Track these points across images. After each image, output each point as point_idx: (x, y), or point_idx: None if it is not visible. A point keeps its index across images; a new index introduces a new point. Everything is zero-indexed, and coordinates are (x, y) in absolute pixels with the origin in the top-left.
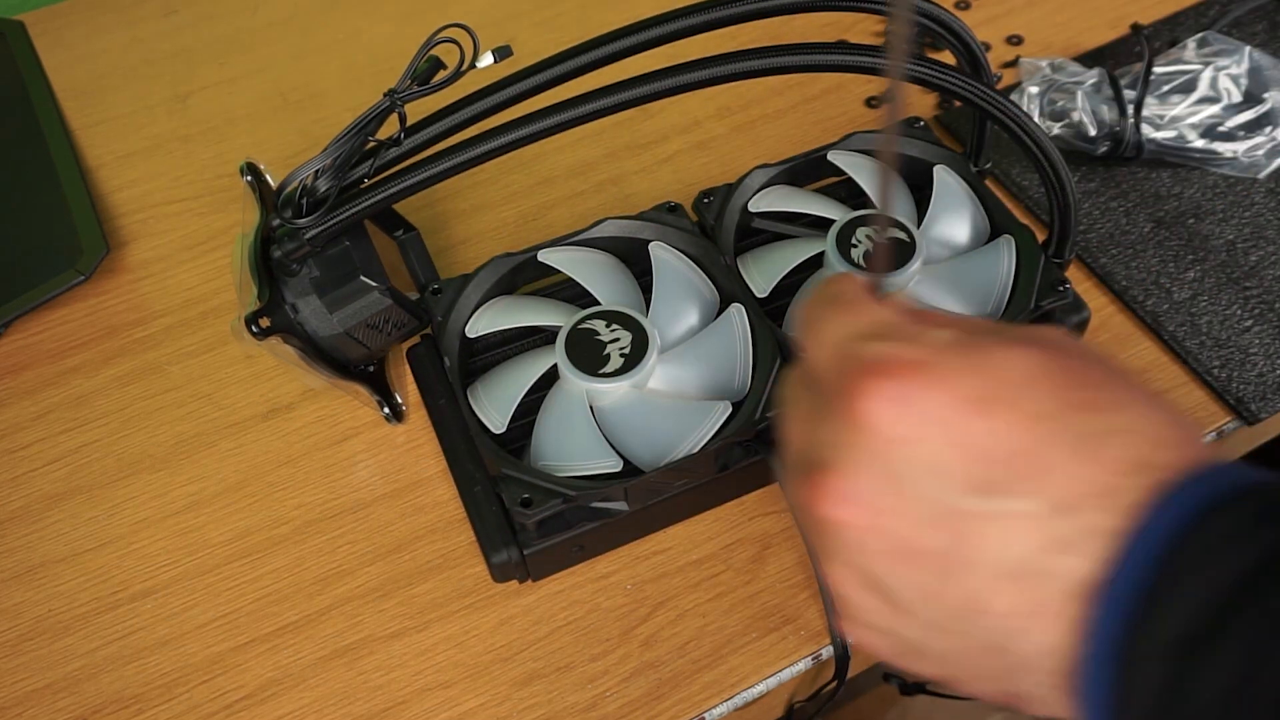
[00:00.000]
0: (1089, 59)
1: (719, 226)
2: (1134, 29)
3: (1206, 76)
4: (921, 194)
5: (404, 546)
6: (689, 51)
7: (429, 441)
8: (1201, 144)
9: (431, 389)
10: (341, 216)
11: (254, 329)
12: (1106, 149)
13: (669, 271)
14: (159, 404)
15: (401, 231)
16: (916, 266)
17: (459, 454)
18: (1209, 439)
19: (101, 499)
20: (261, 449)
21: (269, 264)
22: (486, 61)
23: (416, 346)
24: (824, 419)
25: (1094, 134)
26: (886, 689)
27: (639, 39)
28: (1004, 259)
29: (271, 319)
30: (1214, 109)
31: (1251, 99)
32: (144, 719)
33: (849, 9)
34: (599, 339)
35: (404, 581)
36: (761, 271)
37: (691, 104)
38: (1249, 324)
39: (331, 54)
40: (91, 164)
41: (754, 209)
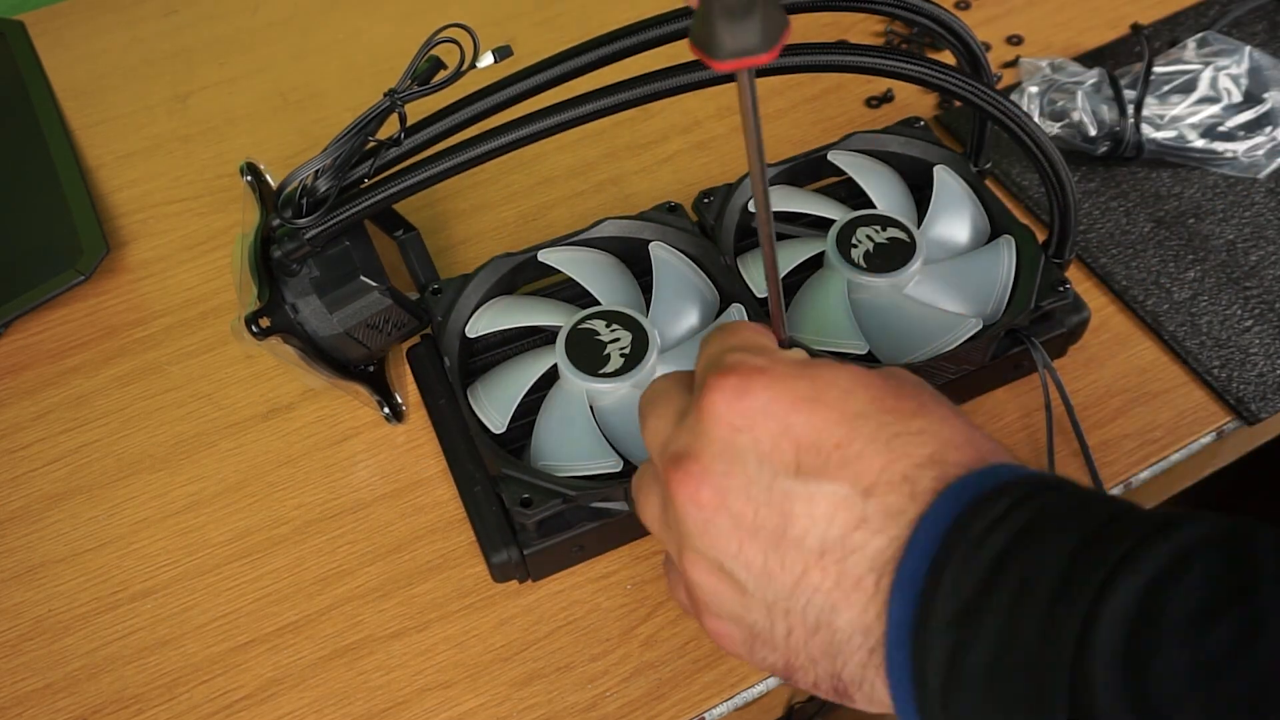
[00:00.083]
0: (1089, 59)
1: (719, 226)
2: (1134, 29)
3: (1206, 76)
4: (921, 194)
5: (404, 546)
6: (689, 52)
7: (429, 441)
8: (1201, 144)
9: (431, 389)
10: (341, 216)
11: (254, 329)
12: (1106, 149)
13: (669, 271)
14: (159, 404)
15: (401, 231)
16: (916, 266)
17: (459, 454)
18: (1209, 439)
19: (101, 499)
20: (261, 449)
21: (269, 264)
22: (486, 61)
23: (416, 346)
24: (686, 417)
25: (1094, 134)
26: None
27: (639, 39)
28: (1004, 259)
29: (271, 319)
30: (1214, 109)
31: (1251, 99)
32: (144, 719)
33: (849, 9)
34: (599, 339)
35: (404, 581)
36: (761, 271)
37: (691, 104)
38: (1249, 324)
39: (331, 54)
40: (91, 164)
41: (754, 209)
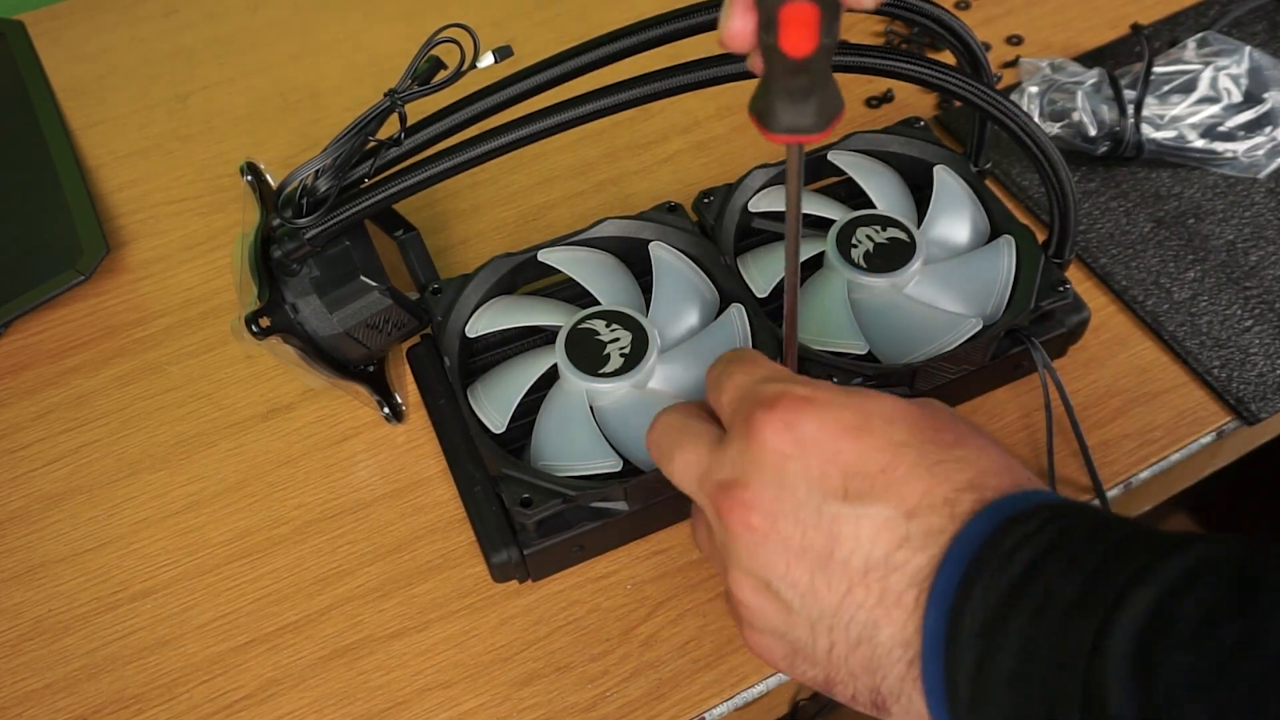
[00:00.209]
0: (1089, 59)
1: (719, 226)
2: (1134, 29)
3: (1206, 76)
4: (921, 194)
5: (404, 546)
6: (689, 51)
7: (429, 441)
8: (1201, 144)
9: (431, 389)
10: (341, 216)
11: (254, 329)
12: (1106, 149)
13: (669, 271)
14: (159, 404)
15: (401, 231)
16: (917, 266)
17: (459, 454)
18: (1209, 439)
19: (101, 499)
20: (261, 449)
21: (269, 264)
22: (487, 61)
23: (416, 346)
24: (727, 446)
25: (1094, 134)
26: None
27: (639, 39)
28: (1004, 259)
29: (271, 319)
30: (1214, 109)
31: (1251, 99)
32: (144, 719)
33: (849, 9)
34: (599, 339)
35: (404, 581)
36: (761, 271)
37: (691, 104)
38: (1249, 324)
39: (331, 54)
40: (91, 164)
41: (754, 209)
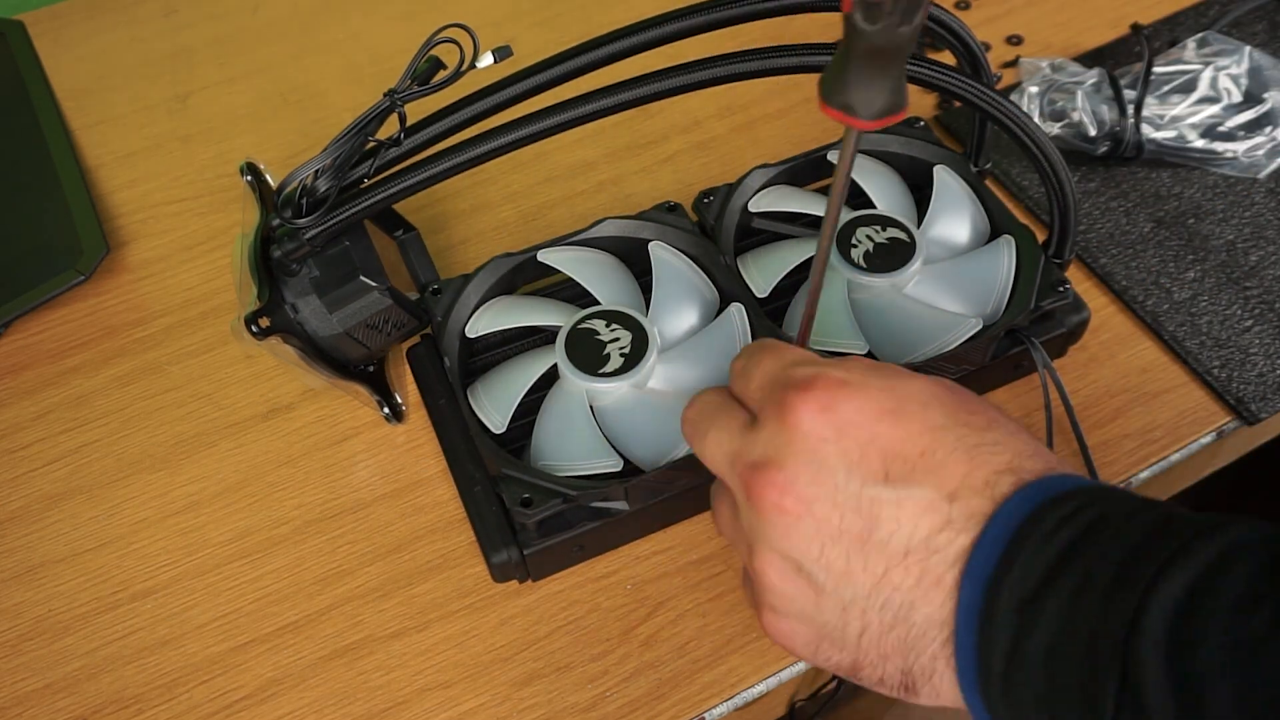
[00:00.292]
0: (1089, 59)
1: (719, 226)
2: (1134, 29)
3: (1206, 76)
4: (921, 194)
5: (404, 546)
6: (689, 51)
7: (429, 441)
8: (1201, 144)
9: (431, 389)
10: (341, 216)
11: (254, 329)
12: (1106, 149)
13: (669, 271)
14: (159, 404)
15: (401, 231)
16: (916, 266)
17: (459, 454)
18: (1209, 439)
19: (101, 499)
20: (261, 449)
21: (269, 264)
22: (486, 62)
23: (416, 346)
24: (760, 429)
25: (1094, 134)
26: None
27: (639, 39)
28: (1004, 259)
29: (271, 319)
30: (1214, 109)
31: (1251, 99)
32: (144, 719)
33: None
34: (599, 339)
35: (404, 581)
36: (761, 271)
37: (692, 104)
38: (1249, 324)
39: (331, 54)
40: (91, 164)
41: (754, 209)
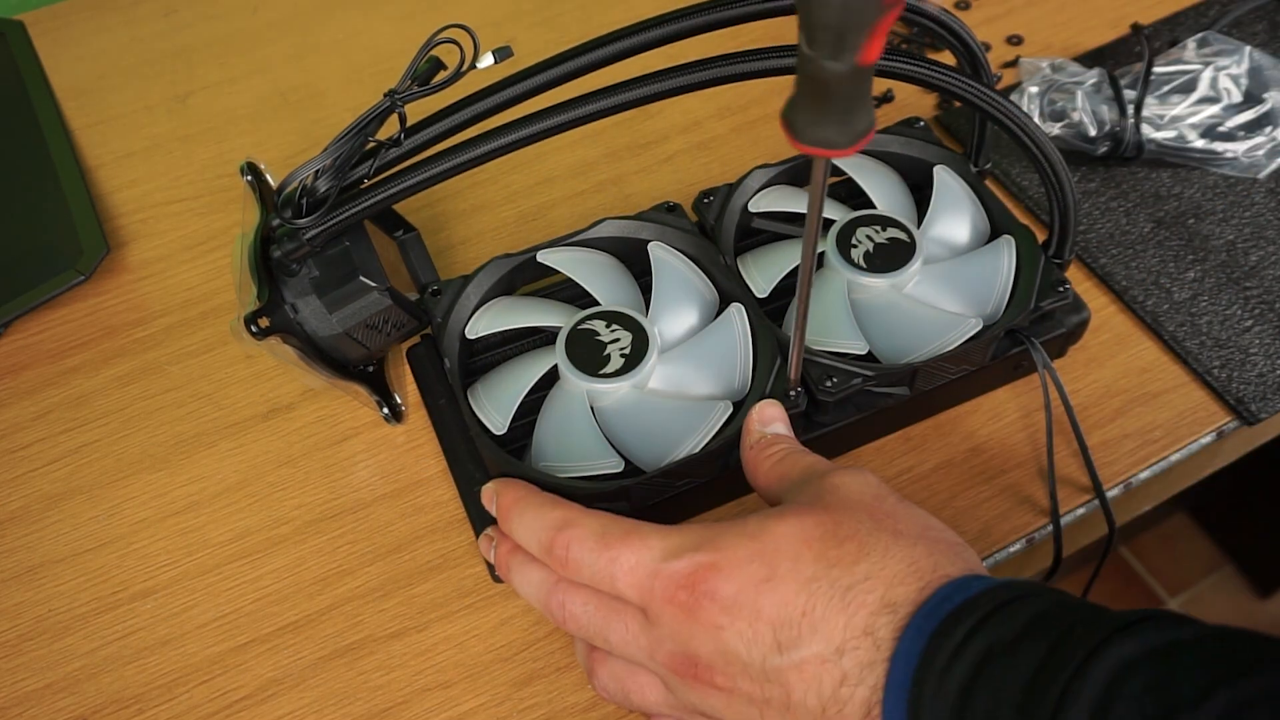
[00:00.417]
0: (1089, 59)
1: (719, 226)
2: (1134, 29)
3: (1206, 76)
4: (921, 194)
5: (404, 546)
6: (689, 51)
7: (429, 441)
8: (1201, 144)
9: (431, 389)
10: (341, 217)
11: (254, 329)
12: (1106, 149)
13: (669, 271)
14: (159, 404)
15: (401, 231)
16: (916, 266)
17: (459, 454)
18: (1209, 439)
19: (101, 499)
20: (261, 449)
21: (269, 264)
22: (487, 62)
23: (416, 347)
24: (658, 626)
25: (1094, 134)
26: None
27: (639, 39)
28: (1004, 259)
29: (271, 319)
30: (1214, 109)
31: (1251, 99)
32: (144, 719)
33: None
34: (599, 339)
35: (404, 581)
36: (761, 271)
37: (692, 104)
38: (1249, 324)
39: (331, 54)
40: (91, 164)
41: (754, 209)
